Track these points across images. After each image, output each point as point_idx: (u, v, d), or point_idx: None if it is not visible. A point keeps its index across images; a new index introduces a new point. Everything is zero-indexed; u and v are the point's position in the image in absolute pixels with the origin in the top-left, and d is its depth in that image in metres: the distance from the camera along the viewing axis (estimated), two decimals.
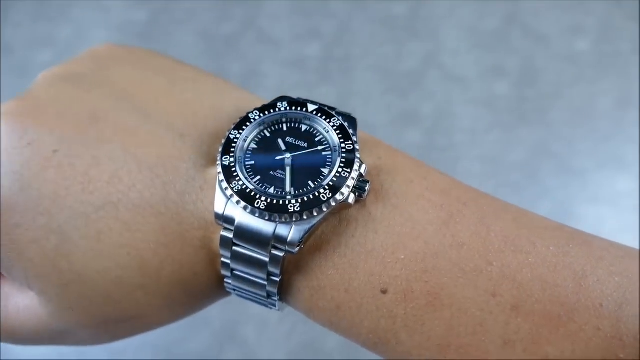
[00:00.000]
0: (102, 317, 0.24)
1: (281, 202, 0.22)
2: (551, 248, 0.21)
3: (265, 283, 0.24)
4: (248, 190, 0.22)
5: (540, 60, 0.86)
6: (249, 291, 0.25)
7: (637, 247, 0.22)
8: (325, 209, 0.22)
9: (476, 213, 0.22)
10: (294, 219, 0.22)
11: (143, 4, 0.89)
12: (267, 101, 0.26)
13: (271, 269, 0.23)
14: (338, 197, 0.22)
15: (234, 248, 0.23)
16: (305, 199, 0.22)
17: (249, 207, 0.22)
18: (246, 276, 0.24)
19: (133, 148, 0.23)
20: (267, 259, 0.23)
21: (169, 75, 0.26)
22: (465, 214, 0.22)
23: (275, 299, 0.24)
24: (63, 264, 0.23)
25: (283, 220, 0.22)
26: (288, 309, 0.26)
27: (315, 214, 0.22)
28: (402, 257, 0.22)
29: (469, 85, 0.84)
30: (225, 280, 0.24)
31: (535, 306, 0.20)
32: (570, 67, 0.85)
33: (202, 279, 0.24)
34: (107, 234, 0.22)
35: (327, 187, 0.22)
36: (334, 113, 0.24)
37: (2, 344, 0.68)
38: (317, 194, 0.22)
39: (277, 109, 0.24)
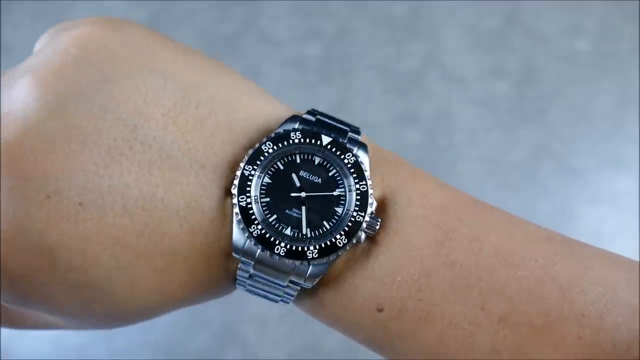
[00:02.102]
0: (119, 324, 0.26)
1: (300, 248, 0.23)
2: (539, 260, 0.22)
3: (279, 298, 0.25)
4: (267, 236, 0.23)
5: (540, 60, 0.86)
6: (262, 296, 0.26)
7: (637, 247, 0.23)
8: (341, 253, 0.23)
9: (471, 229, 0.23)
10: (313, 263, 0.23)
11: (143, 4, 0.89)
12: (277, 102, 0.25)
13: (288, 291, 0.24)
14: (353, 240, 0.23)
15: (252, 273, 0.24)
16: (323, 245, 0.23)
17: (268, 252, 0.23)
18: (261, 292, 0.25)
19: (160, 191, 0.22)
20: (284, 285, 0.24)
21: (180, 79, 0.24)
22: (460, 230, 0.23)
23: (290, 299, 0.26)
24: (96, 308, 0.23)
25: (301, 265, 0.23)
26: (291, 308, 0.27)
27: (331, 258, 0.23)
28: (399, 279, 0.23)
29: (469, 85, 0.84)
30: (239, 281, 0.25)
31: (522, 318, 0.22)
32: (570, 67, 0.85)
33: (218, 294, 0.26)
34: (141, 282, 0.23)
35: (342, 233, 0.23)
36: (346, 143, 0.24)
37: (3, 343, 0.67)
38: (333, 239, 0.23)
39: (290, 140, 0.24)
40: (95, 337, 0.70)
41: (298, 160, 0.24)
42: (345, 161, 0.24)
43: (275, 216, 0.23)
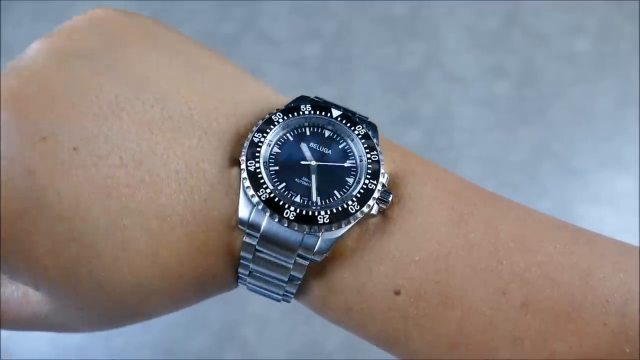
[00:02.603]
0: (110, 315, 0.24)
1: (310, 213, 0.22)
2: (557, 246, 0.22)
3: (285, 285, 0.24)
4: (276, 200, 0.22)
5: (540, 60, 0.86)
6: (264, 288, 0.24)
7: (638, 247, 0.23)
8: (352, 221, 0.22)
9: (485, 213, 0.23)
10: (323, 230, 0.22)
11: (143, 4, 0.89)
12: (281, 95, 0.25)
13: (294, 273, 0.23)
14: (365, 209, 0.22)
15: (257, 253, 0.23)
16: (334, 210, 0.22)
17: (277, 216, 0.22)
18: (265, 277, 0.24)
19: (159, 148, 0.21)
20: (290, 265, 0.23)
21: (186, 59, 0.24)
22: (475, 214, 0.23)
23: (291, 297, 0.24)
24: (82, 272, 0.21)
25: (312, 231, 0.22)
26: (291, 308, 0.26)
27: (343, 225, 0.22)
28: (417, 258, 0.22)
29: (469, 85, 0.84)
30: (241, 277, 0.24)
31: (544, 303, 0.21)
32: (570, 67, 0.85)
33: (219, 280, 0.24)
34: (132, 242, 0.21)
35: (354, 199, 0.22)
36: (356, 119, 0.24)
37: (3, 343, 0.67)
38: (345, 205, 0.22)
39: (300, 112, 0.24)
40: (94, 337, 0.70)
41: (308, 132, 0.24)
42: (356, 132, 0.24)
43: (284, 184, 0.22)
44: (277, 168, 0.23)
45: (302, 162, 0.23)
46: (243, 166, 0.22)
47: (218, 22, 0.89)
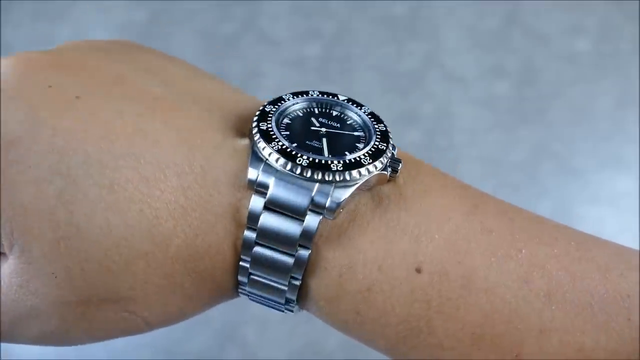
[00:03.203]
0: (87, 293, 0.21)
1: (323, 161, 0.21)
2: (572, 243, 0.22)
3: (285, 287, 0.22)
4: (289, 150, 0.21)
5: (540, 60, 0.86)
6: (266, 298, 0.23)
7: (637, 247, 0.23)
8: (365, 173, 0.21)
9: (498, 206, 0.23)
10: (337, 178, 0.21)
11: (143, 4, 0.89)
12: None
13: (301, 248, 0.21)
14: (378, 164, 0.22)
15: (264, 212, 0.21)
16: (347, 160, 0.22)
17: (290, 163, 0.21)
18: (265, 280, 0.22)
19: (159, 112, 0.22)
20: (297, 234, 0.21)
21: (188, 71, 0.26)
22: (489, 204, 0.23)
23: (292, 304, 0.23)
24: (62, 213, 0.20)
25: (325, 178, 0.21)
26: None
27: (356, 175, 0.21)
28: (437, 236, 0.21)
29: (469, 85, 0.84)
30: (240, 283, 0.22)
31: (567, 295, 0.20)
32: (570, 67, 0.85)
33: (215, 256, 0.22)
34: (122, 185, 0.20)
35: (366, 154, 0.22)
36: (363, 104, 0.25)
37: (2, 343, 0.67)
38: (358, 158, 0.22)
39: (309, 94, 0.25)
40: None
41: (316, 111, 0.24)
42: (362, 110, 0.25)
43: (295, 144, 0.22)
44: (287, 132, 0.23)
45: (312, 128, 0.23)
46: (254, 125, 0.22)
47: (218, 22, 0.89)
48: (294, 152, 0.21)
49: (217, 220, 0.21)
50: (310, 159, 0.21)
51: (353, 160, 0.22)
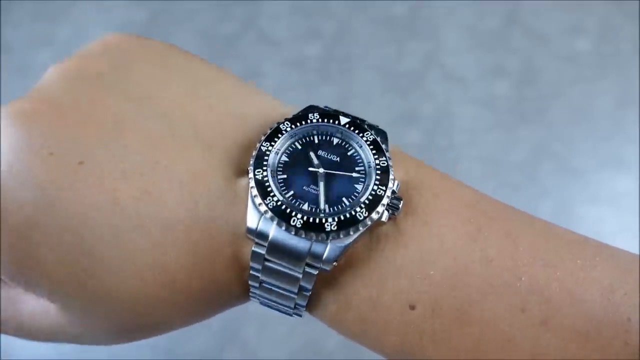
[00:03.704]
0: (124, 326, 0.24)
1: (317, 220, 0.21)
2: (578, 262, 0.21)
3: (295, 296, 0.24)
4: (283, 207, 0.22)
5: (540, 60, 0.86)
6: (275, 301, 0.24)
7: (637, 247, 0.23)
8: (361, 228, 0.22)
9: (503, 227, 0.22)
10: (330, 238, 0.22)
11: (143, 4, 0.89)
12: (289, 106, 0.25)
13: (303, 284, 0.23)
14: (374, 216, 0.22)
15: (266, 263, 0.22)
16: (342, 217, 0.22)
17: (284, 224, 0.21)
18: (275, 289, 0.24)
19: (163, 161, 0.22)
20: (300, 275, 0.22)
21: (190, 75, 0.25)
22: (493, 227, 0.22)
23: (302, 310, 0.24)
24: (92, 283, 0.22)
25: (319, 239, 0.22)
26: None
27: (351, 232, 0.22)
28: (432, 272, 0.21)
29: (469, 85, 0.84)
30: (252, 290, 0.24)
31: (564, 321, 0.20)
32: (570, 67, 0.85)
33: (228, 291, 0.24)
34: (139, 254, 0.21)
35: (362, 206, 0.22)
36: (365, 126, 0.24)
37: (3, 343, 0.67)
38: (353, 212, 0.22)
39: (308, 121, 0.24)
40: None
41: (316, 141, 0.24)
42: (364, 139, 0.24)
43: (291, 192, 0.22)
44: (285, 176, 0.23)
45: (310, 169, 0.23)
46: (251, 175, 0.22)
47: (218, 22, 0.89)
48: (288, 210, 0.22)
49: (226, 267, 0.23)
50: (304, 219, 0.22)
51: (348, 216, 0.22)
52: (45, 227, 0.21)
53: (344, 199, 0.23)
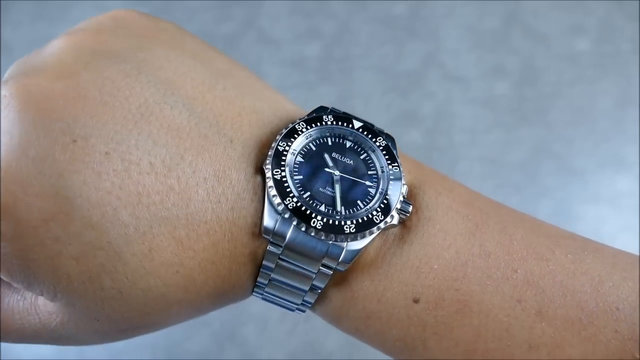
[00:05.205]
0: (125, 326, 0.23)
1: (337, 222, 0.22)
2: (569, 255, 0.22)
3: (304, 294, 0.24)
4: (304, 208, 0.22)
5: (540, 60, 0.86)
6: (281, 298, 0.24)
7: (637, 247, 0.23)
8: (376, 231, 0.22)
9: (498, 223, 0.23)
10: (349, 240, 0.22)
11: (143, 4, 0.89)
12: (296, 106, 0.26)
13: (316, 282, 0.23)
14: (389, 219, 0.23)
15: (280, 261, 0.23)
16: (360, 220, 0.22)
17: (304, 225, 0.22)
18: (285, 287, 0.24)
19: (188, 155, 0.21)
20: (313, 275, 0.23)
21: (208, 64, 0.24)
22: (489, 224, 0.23)
23: (308, 306, 0.24)
24: (105, 281, 0.21)
25: (338, 240, 0.22)
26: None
27: (367, 235, 0.22)
28: (435, 266, 0.22)
29: (469, 85, 0.84)
30: (258, 286, 0.24)
31: (558, 311, 0.21)
32: (570, 67, 0.85)
33: (238, 291, 0.24)
34: (160, 252, 0.21)
35: (378, 210, 0.23)
36: (377, 131, 0.25)
37: (2, 343, 0.67)
38: (370, 215, 0.22)
39: (323, 123, 0.24)
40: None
41: (330, 143, 0.24)
42: (377, 144, 0.24)
43: (308, 193, 0.23)
44: (300, 177, 0.23)
45: (326, 170, 0.23)
46: (269, 174, 0.22)
47: (218, 22, 0.89)
48: (308, 212, 0.22)
49: (241, 267, 0.23)
50: (324, 221, 0.22)
51: (365, 219, 0.22)
52: (65, 220, 0.19)
53: (358, 201, 0.23)
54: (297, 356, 0.71)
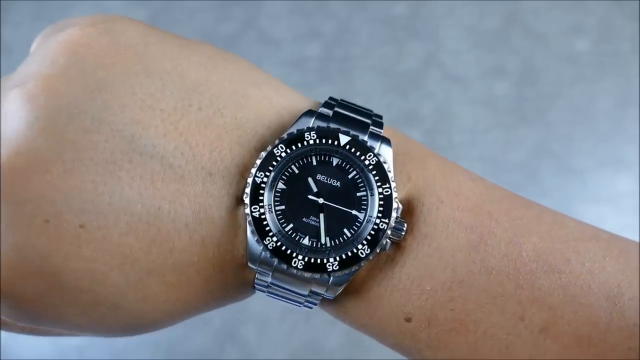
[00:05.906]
0: (119, 334, 0.25)
1: (319, 260, 0.21)
2: (586, 264, 0.21)
3: (302, 302, 0.24)
4: (284, 248, 0.21)
5: (540, 60, 0.86)
6: (284, 298, 0.25)
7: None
8: (363, 264, 0.22)
9: (508, 230, 0.22)
10: (333, 277, 0.22)
11: (143, 3, 0.89)
12: (287, 96, 0.24)
13: (310, 299, 0.23)
14: (377, 250, 0.21)
15: (271, 286, 0.23)
16: (344, 256, 0.21)
17: (285, 265, 0.21)
18: (282, 299, 0.24)
19: (165, 204, 0.21)
20: (304, 298, 0.23)
21: (180, 79, 0.22)
22: (497, 233, 0.22)
23: (313, 306, 0.25)
24: (111, 322, 0.22)
25: (321, 279, 0.22)
26: (291, 307, 0.26)
27: (353, 270, 0.22)
28: (428, 288, 0.21)
29: (469, 85, 0.84)
30: (258, 288, 0.24)
31: (566, 328, 0.20)
32: (570, 67, 0.85)
33: (237, 299, 0.25)
34: (154, 296, 0.22)
35: (364, 242, 0.21)
36: (367, 144, 0.22)
37: (2, 343, 0.67)
38: (355, 250, 0.21)
39: (305, 142, 0.22)
40: (95, 337, 0.70)
41: (314, 163, 0.22)
42: (366, 162, 0.22)
43: (291, 225, 0.22)
44: (283, 207, 0.22)
45: (310, 197, 0.22)
46: (247, 211, 0.21)
47: (218, 22, 0.89)
48: (289, 252, 0.21)
49: (236, 289, 0.24)
50: (305, 260, 0.21)
51: (350, 254, 0.21)
52: (59, 292, 0.21)
53: (345, 230, 0.22)
54: (297, 356, 0.70)
